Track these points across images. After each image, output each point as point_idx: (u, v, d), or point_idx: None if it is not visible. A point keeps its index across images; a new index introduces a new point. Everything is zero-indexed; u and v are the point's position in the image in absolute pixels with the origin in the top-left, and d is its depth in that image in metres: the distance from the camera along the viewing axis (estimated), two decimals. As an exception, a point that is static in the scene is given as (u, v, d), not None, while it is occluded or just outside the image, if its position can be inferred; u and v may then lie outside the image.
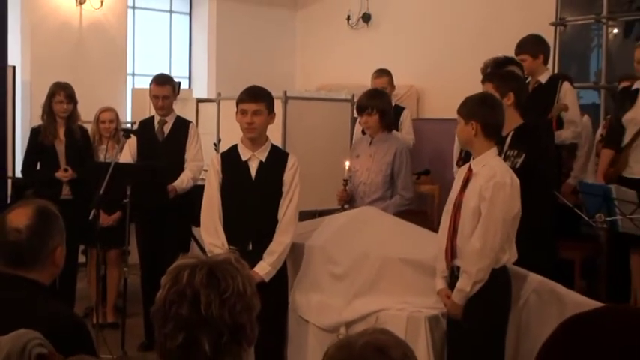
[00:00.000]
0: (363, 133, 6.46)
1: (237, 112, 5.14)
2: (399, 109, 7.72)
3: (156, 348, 2.27)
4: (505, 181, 4.29)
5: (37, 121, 7.24)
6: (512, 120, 5.09)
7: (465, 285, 4.31)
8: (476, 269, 4.28)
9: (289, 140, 7.58)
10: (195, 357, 2.17)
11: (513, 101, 5.08)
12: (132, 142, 6.65)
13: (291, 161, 5.19)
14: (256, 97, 5.11)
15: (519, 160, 4.98)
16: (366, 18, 11.13)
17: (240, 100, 5.12)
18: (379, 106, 5.99)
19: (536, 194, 4.87)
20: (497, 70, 5.75)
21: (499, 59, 6.20)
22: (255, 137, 5.12)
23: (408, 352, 2.03)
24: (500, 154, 4.81)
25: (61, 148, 7.03)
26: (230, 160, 5.19)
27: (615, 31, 9.24)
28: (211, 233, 5.13)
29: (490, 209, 4.28)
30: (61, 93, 6.99)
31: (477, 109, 4.45)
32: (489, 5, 9.96)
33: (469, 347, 4.37)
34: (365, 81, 8.35)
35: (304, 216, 6.25)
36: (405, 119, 7.77)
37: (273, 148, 5.24)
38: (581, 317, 1.48)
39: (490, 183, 4.30)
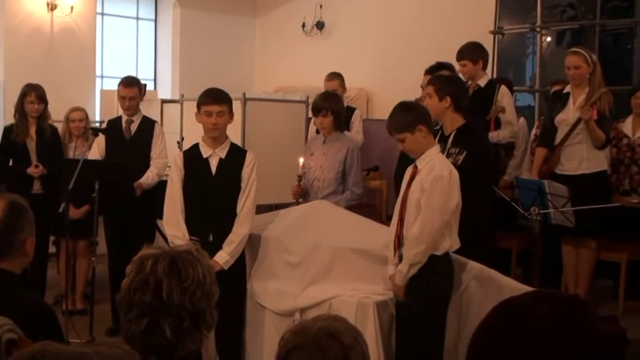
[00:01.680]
0: (317, 132, 6.44)
1: (198, 113, 5.10)
2: (350, 110, 7.71)
3: (121, 333, 2.25)
4: (443, 174, 4.31)
5: (10, 120, 7.15)
6: (454, 120, 5.11)
7: (404, 267, 4.35)
8: (413, 253, 4.31)
9: (248, 139, 7.55)
10: (157, 341, 2.17)
11: (451, 104, 5.08)
12: (100, 140, 6.59)
13: (249, 158, 5.17)
14: (220, 100, 5.08)
15: (461, 157, 5.00)
16: (320, 26, 11.17)
17: (203, 103, 5.07)
18: (333, 107, 5.98)
19: (477, 188, 4.90)
20: (440, 75, 5.76)
21: (432, 65, 6.21)
22: (218, 136, 5.10)
23: (358, 337, 2.04)
24: (443, 152, 4.84)
25: (32, 145, 6.94)
26: (192, 157, 5.16)
27: (548, 39, 9.36)
28: (173, 226, 5.09)
29: (428, 199, 4.31)
30: (33, 94, 6.90)
31: (421, 114, 4.47)
32: (433, 15, 10.03)
33: (413, 328, 4.39)
34: (318, 84, 8.34)
35: (261, 209, 6.23)
36: (356, 119, 7.77)
37: (232, 145, 5.21)
38: (513, 301, 1.49)
39: (429, 176, 4.33)
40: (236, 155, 5.17)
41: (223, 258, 4.99)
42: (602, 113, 6.28)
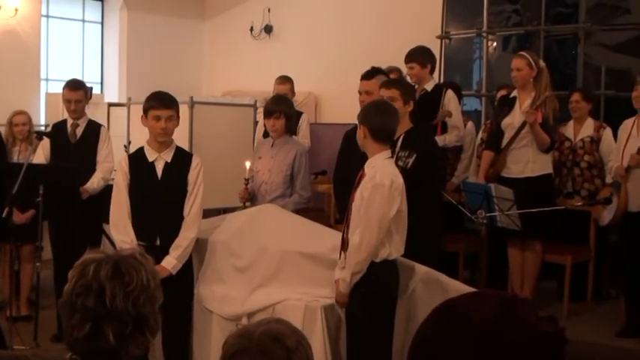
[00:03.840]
0: (264, 136, 6.44)
1: (145, 117, 5.05)
2: (298, 114, 7.72)
3: (64, 338, 2.23)
4: (384, 183, 4.28)
5: (-48, 124, 7.02)
6: (403, 124, 5.17)
7: (346, 275, 4.36)
8: (354, 262, 4.32)
9: (195, 142, 7.50)
10: (100, 346, 2.15)
11: (412, 109, 5.21)
12: (45, 144, 6.50)
13: (195, 161, 5.15)
14: (170, 104, 5.07)
15: (410, 160, 5.05)
16: (268, 29, 11.15)
17: (152, 107, 5.02)
18: (286, 110, 6.01)
19: (427, 191, 4.95)
20: (399, 79, 5.83)
21: (368, 70, 6.24)
22: (166, 140, 5.08)
23: (302, 340, 2.04)
24: (392, 155, 4.87)
25: (-25, 150, 6.82)
26: (137, 161, 5.12)
27: (494, 44, 9.45)
28: (120, 231, 5.05)
29: (367, 208, 4.30)
30: (-23, 97, 6.80)
31: (367, 115, 4.48)
32: (382, 19, 10.09)
33: (361, 335, 4.41)
34: (266, 88, 8.33)
35: (209, 213, 6.19)
36: (302, 123, 7.79)
37: (178, 149, 5.19)
38: (452, 302, 1.51)
39: (369, 184, 4.32)
40: (182, 159, 5.15)
41: (171, 263, 4.98)
42: (547, 117, 6.38)
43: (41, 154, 6.53)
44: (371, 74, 5.94)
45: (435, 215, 5.27)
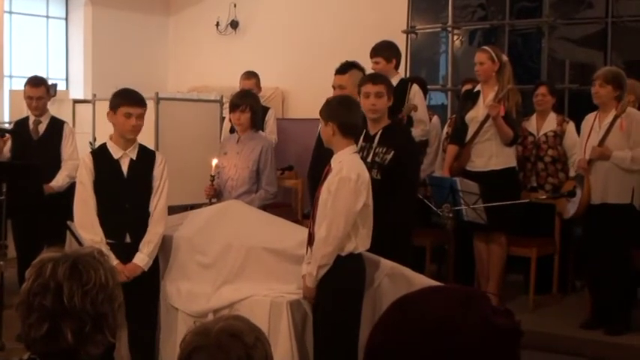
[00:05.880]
0: (231, 131, 6.43)
1: (112, 113, 4.99)
2: (265, 110, 7.71)
3: (22, 338, 2.21)
4: (350, 177, 4.32)
5: None
6: (383, 119, 5.21)
7: (312, 269, 4.38)
8: (320, 255, 4.34)
9: (161, 138, 7.46)
10: (58, 346, 2.13)
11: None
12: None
13: (159, 158, 5.15)
14: (141, 103, 5.06)
15: (388, 157, 5.06)
16: (234, 25, 11.13)
17: (123, 104, 4.97)
18: (252, 104, 6.02)
19: (405, 188, 4.98)
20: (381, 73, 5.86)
21: (342, 64, 6.24)
22: (135, 138, 5.06)
23: (260, 337, 2.04)
24: (369, 151, 4.90)
25: (-61, 147, 6.74)
26: (102, 158, 5.07)
27: (460, 38, 9.49)
28: (89, 230, 4.98)
29: (334, 202, 4.32)
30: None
31: (334, 110, 4.50)
32: (347, 14, 10.12)
33: (327, 328, 4.43)
34: (233, 83, 8.31)
35: (176, 209, 6.17)
36: (270, 119, 7.78)
37: (141, 146, 5.16)
38: (409, 296, 1.51)
39: (336, 177, 4.35)
40: (146, 156, 5.13)
41: (143, 260, 4.96)
42: (509, 110, 6.43)
43: (-2, 152, 6.49)
44: (345, 69, 5.96)
45: (410, 212, 5.30)
